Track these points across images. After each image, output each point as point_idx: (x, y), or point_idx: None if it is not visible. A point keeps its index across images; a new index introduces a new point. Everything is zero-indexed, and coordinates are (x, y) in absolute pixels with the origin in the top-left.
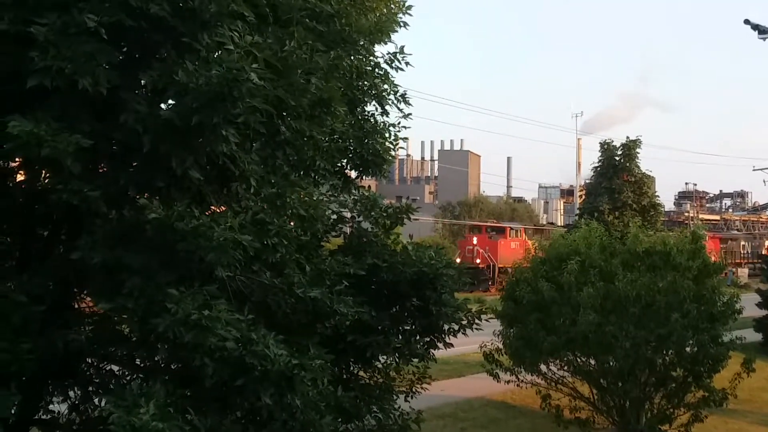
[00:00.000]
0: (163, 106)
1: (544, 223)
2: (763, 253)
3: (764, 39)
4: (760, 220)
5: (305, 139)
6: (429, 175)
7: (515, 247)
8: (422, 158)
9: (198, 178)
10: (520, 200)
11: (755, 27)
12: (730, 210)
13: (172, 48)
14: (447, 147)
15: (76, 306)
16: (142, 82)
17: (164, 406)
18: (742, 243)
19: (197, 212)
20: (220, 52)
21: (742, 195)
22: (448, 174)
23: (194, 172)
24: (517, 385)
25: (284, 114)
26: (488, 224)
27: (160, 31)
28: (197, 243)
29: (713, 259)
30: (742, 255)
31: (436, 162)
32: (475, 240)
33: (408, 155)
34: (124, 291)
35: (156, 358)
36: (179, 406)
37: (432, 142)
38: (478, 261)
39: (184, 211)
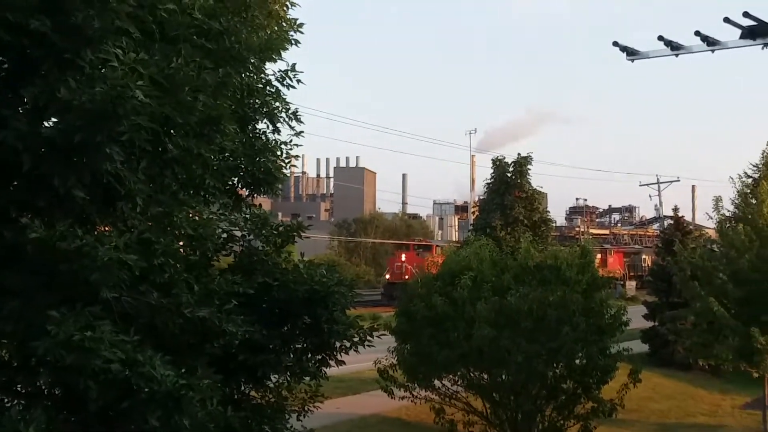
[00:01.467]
0: (46, 123)
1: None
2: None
3: (632, 60)
4: (647, 234)
5: (194, 157)
6: (325, 192)
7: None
8: (318, 175)
9: (82, 198)
10: (415, 217)
11: (623, 49)
12: (619, 224)
13: (54, 64)
14: (343, 164)
15: None
16: (25, 99)
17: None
18: (644, 257)
19: (81, 232)
20: (104, 69)
21: (629, 210)
22: (343, 191)
23: (78, 192)
24: (412, 401)
25: (172, 132)
26: (416, 242)
27: (42, 47)
28: (81, 263)
29: (619, 272)
30: (643, 268)
31: (332, 179)
32: (403, 257)
33: (304, 172)
34: (3, 314)
35: (37, 383)
36: None
37: (328, 160)
38: (407, 277)
39: (67, 230)
